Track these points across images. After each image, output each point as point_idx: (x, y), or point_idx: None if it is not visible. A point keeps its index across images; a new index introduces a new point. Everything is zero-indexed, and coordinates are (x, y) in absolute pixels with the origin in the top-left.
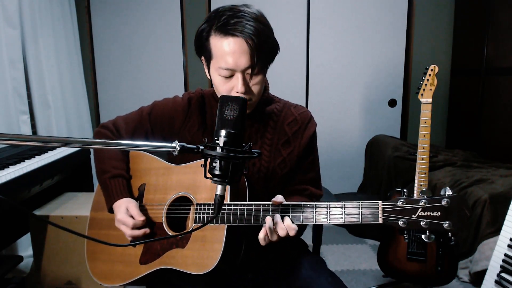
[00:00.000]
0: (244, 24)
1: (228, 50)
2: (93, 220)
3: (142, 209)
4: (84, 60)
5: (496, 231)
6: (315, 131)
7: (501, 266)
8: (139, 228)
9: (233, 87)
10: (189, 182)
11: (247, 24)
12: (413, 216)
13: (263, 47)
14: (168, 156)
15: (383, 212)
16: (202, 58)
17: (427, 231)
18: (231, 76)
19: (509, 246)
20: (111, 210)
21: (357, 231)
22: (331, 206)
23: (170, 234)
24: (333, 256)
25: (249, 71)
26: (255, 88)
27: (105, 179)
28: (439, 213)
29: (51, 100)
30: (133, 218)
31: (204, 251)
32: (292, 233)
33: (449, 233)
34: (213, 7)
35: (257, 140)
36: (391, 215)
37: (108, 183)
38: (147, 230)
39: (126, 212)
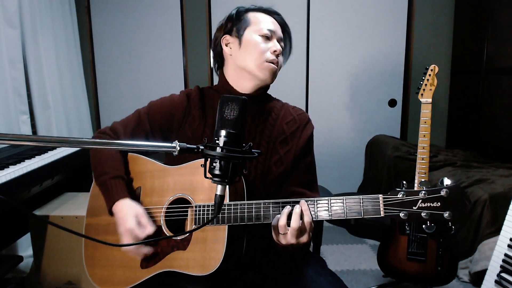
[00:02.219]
0: (277, 13)
1: (269, 21)
2: (89, 226)
3: None
4: (84, 60)
5: (496, 231)
6: (312, 133)
7: (501, 266)
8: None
9: (270, 48)
10: (186, 183)
11: (278, 13)
12: (414, 207)
13: (288, 36)
14: (167, 156)
15: (384, 205)
16: (226, 38)
17: (428, 222)
18: (270, 38)
19: (509, 246)
20: (111, 213)
21: (357, 231)
22: (332, 201)
23: (168, 235)
24: (333, 256)
25: (281, 43)
26: (281, 59)
27: (105, 180)
28: (439, 203)
29: (51, 100)
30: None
31: (206, 252)
32: (307, 215)
33: (450, 223)
34: (213, 7)
35: (256, 135)
36: (392, 208)
37: (108, 183)
38: (151, 250)
39: (136, 221)
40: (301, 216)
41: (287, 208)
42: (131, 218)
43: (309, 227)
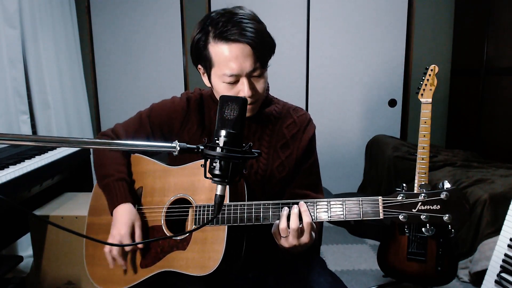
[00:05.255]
0: (244, 27)
1: (231, 56)
2: (91, 225)
3: (140, 212)
4: (84, 60)
5: (496, 231)
6: (314, 134)
7: (501, 266)
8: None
9: (239, 92)
10: (187, 183)
11: (246, 27)
12: (413, 210)
13: (264, 46)
14: (169, 157)
15: (384, 207)
16: (199, 67)
17: (427, 225)
18: (235, 82)
19: (509, 246)
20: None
21: (357, 231)
22: (331, 203)
23: (169, 235)
24: (333, 256)
25: (254, 73)
26: (260, 89)
27: (109, 182)
28: (438, 206)
29: (51, 100)
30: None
31: (205, 252)
32: (307, 216)
33: (449, 226)
34: (213, 8)
35: (255, 141)
36: (391, 210)
37: (112, 186)
38: (124, 264)
39: (130, 231)
40: (300, 217)
41: (286, 210)
42: (127, 226)
43: (309, 228)
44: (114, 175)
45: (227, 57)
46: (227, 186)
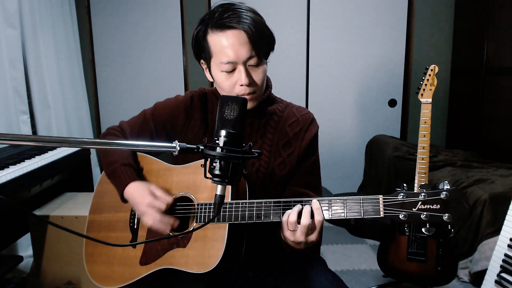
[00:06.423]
0: (240, 15)
1: (227, 44)
2: (92, 222)
3: None
4: (84, 60)
5: (496, 231)
6: (317, 133)
7: (501, 266)
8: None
9: (237, 81)
10: (190, 182)
11: (242, 15)
12: (414, 209)
13: (261, 36)
14: (172, 156)
15: (384, 206)
16: (202, 61)
17: (427, 224)
18: (233, 70)
19: (509, 246)
20: (124, 199)
21: (357, 231)
22: (332, 201)
23: (171, 234)
24: (333, 256)
25: (250, 61)
26: (258, 80)
27: (115, 168)
28: (438, 205)
29: (51, 100)
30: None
31: (205, 249)
32: (319, 214)
33: (449, 225)
34: (213, 7)
35: (257, 139)
36: (392, 209)
37: (118, 170)
38: (177, 221)
39: (152, 195)
40: (312, 215)
41: (298, 206)
42: (146, 195)
43: (320, 226)
44: (119, 161)
45: (224, 44)
46: (227, 186)
